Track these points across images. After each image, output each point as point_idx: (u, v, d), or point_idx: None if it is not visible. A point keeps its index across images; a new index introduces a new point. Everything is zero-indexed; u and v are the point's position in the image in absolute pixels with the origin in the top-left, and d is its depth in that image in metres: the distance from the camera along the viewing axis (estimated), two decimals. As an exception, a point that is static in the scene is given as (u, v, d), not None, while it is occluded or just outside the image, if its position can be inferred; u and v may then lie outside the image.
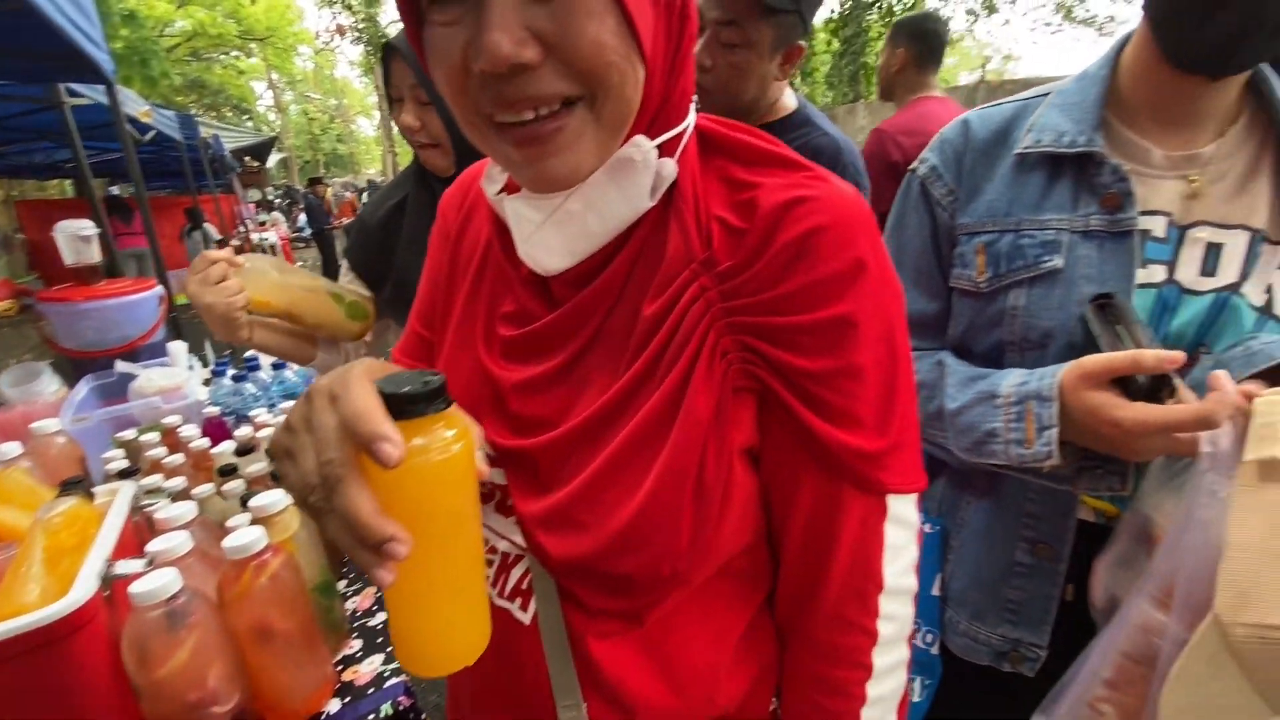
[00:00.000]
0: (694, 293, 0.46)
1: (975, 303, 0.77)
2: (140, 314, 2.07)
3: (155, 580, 0.64)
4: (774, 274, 0.44)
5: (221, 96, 22.71)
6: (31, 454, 1.09)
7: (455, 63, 0.40)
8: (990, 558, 0.80)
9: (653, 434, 0.45)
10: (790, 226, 0.43)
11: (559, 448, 0.48)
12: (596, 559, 0.46)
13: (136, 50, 11.49)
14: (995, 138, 0.77)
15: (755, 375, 0.46)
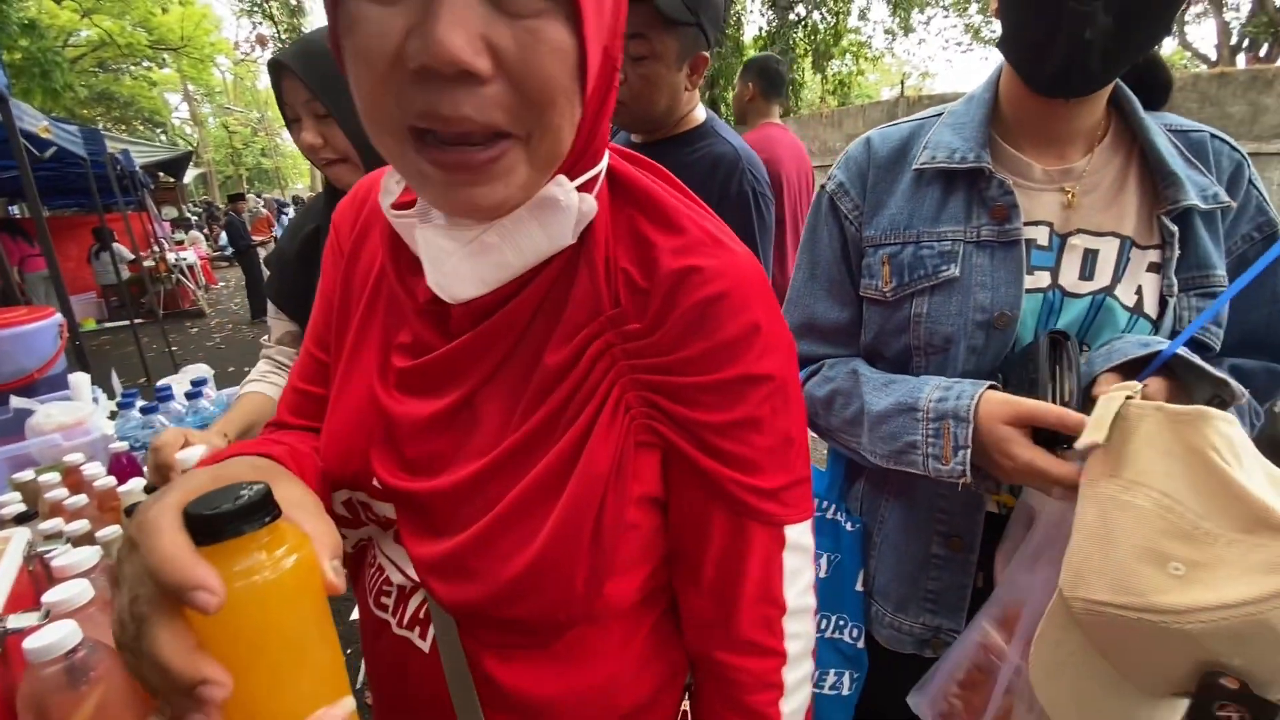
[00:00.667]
0: (599, 347, 0.46)
1: (883, 310, 0.82)
2: (37, 344, 1.92)
3: (52, 634, 0.60)
4: (676, 338, 0.45)
5: (132, 109, 21.42)
6: (-90, 503, 1.00)
7: (386, 50, 0.35)
8: (909, 552, 0.85)
9: (550, 486, 0.46)
10: (690, 293, 0.45)
11: (453, 495, 0.48)
12: (489, 605, 0.46)
13: (37, 61, 10.75)
14: (895, 155, 0.83)
15: (656, 431, 0.47)
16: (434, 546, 0.48)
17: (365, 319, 0.55)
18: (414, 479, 0.49)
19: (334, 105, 1.03)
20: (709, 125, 1.29)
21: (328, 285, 0.61)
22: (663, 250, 0.46)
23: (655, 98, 1.20)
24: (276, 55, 1.04)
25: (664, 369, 0.46)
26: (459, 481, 0.47)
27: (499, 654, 0.50)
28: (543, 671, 0.51)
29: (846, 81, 12.76)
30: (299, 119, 1.05)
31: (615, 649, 0.53)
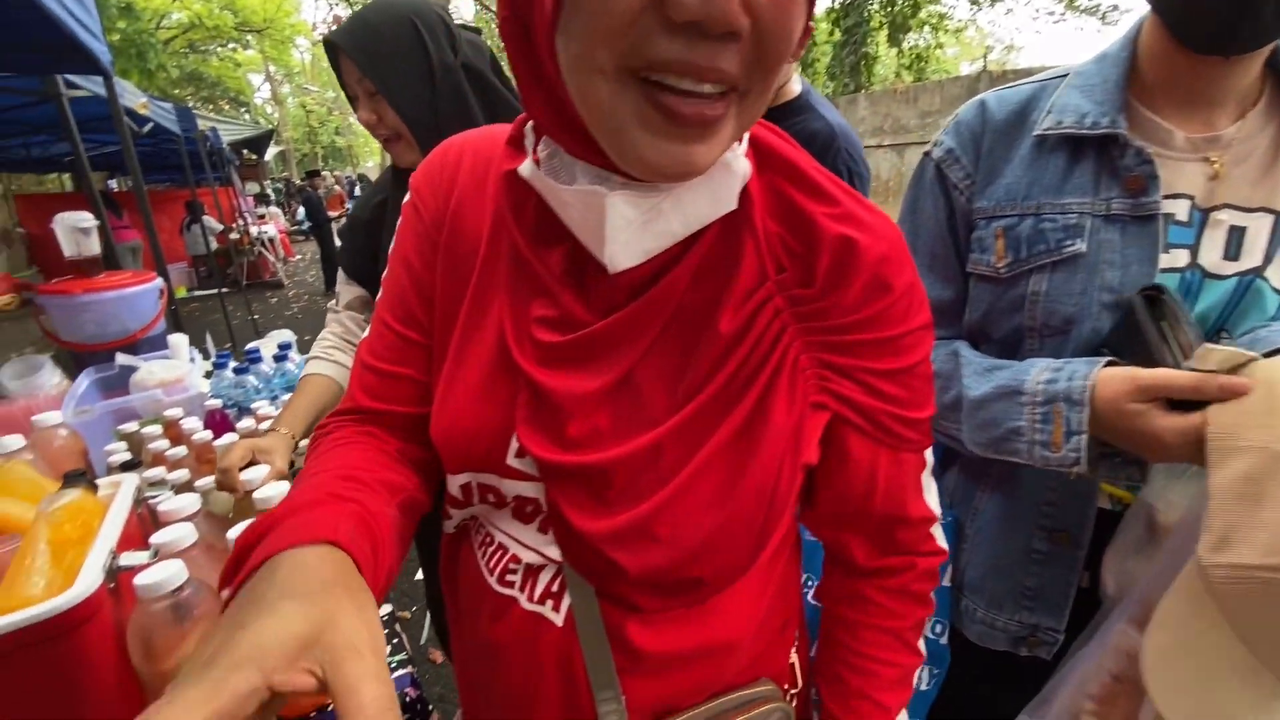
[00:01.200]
0: (770, 311, 0.48)
1: (994, 288, 0.76)
2: (140, 306, 2.07)
3: (161, 572, 0.64)
4: (856, 300, 0.48)
5: (219, 89, 22.58)
6: (34, 447, 1.09)
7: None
8: (1007, 546, 0.80)
9: (736, 449, 0.47)
10: (862, 256, 0.47)
11: (629, 465, 0.47)
12: (674, 568, 0.48)
13: (133, 42, 11.43)
14: (1013, 119, 0.76)
15: (830, 390, 0.49)
16: (609, 518, 0.47)
17: (480, 292, 0.52)
18: (578, 453, 0.47)
19: (381, 83, 1.04)
20: (805, 98, 1.23)
21: (412, 257, 0.57)
22: (820, 215, 0.47)
23: None
24: (329, 34, 1.05)
25: (844, 329, 0.48)
26: (636, 451, 0.46)
27: (642, 618, 0.51)
28: (682, 631, 0.52)
29: (924, 55, 12.10)
30: (356, 96, 1.08)
31: (748, 603, 0.55)
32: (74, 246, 2.20)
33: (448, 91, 1.07)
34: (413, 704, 0.82)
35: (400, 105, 1.05)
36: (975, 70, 8.48)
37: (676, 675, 0.53)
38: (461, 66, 1.08)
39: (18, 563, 0.62)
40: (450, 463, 0.53)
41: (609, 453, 0.46)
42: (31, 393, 1.48)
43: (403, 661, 0.86)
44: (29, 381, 1.54)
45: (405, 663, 0.86)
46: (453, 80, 1.07)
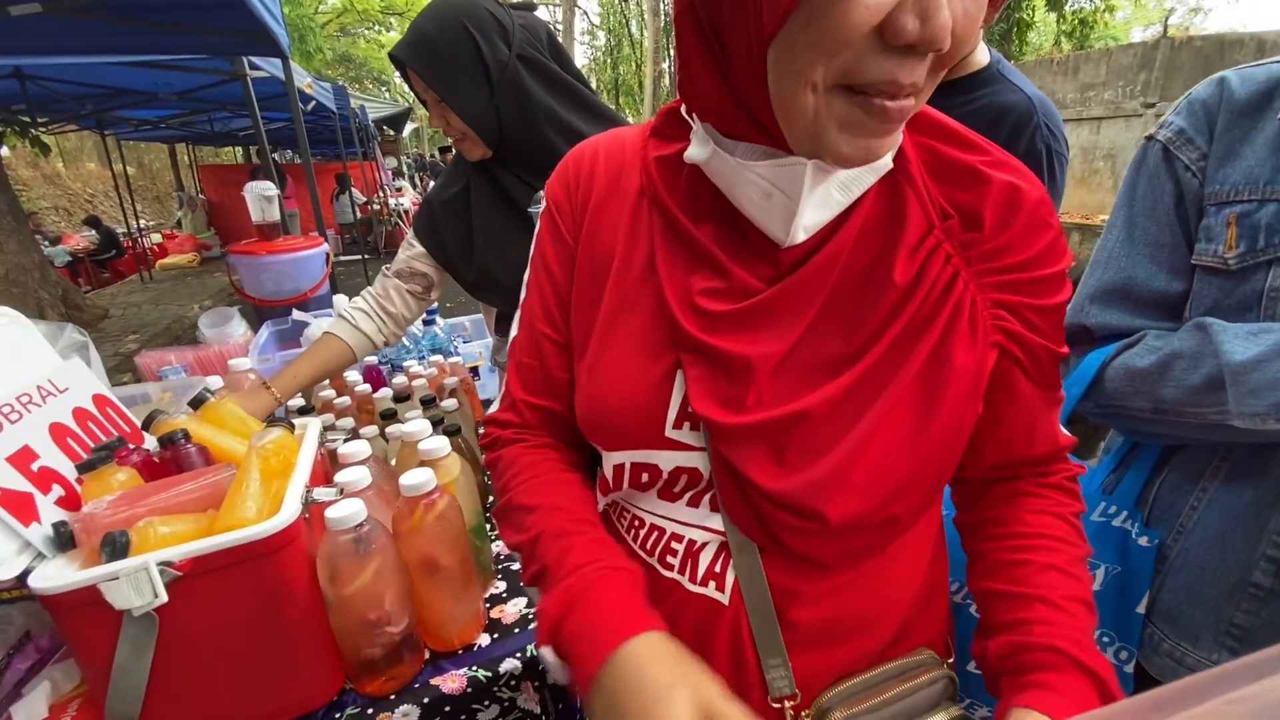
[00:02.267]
0: (941, 258, 0.49)
1: (1222, 282, 0.67)
2: (310, 268, 2.30)
3: (346, 508, 0.71)
4: (1024, 239, 0.50)
5: (364, 69, 24.40)
6: (229, 388, 1.24)
7: (872, 20, 0.35)
8: (1217, 571, 0.70)
9: (921, 393, 0.48)
10: (1024, 200, 0.50)
11: (815, 416, 0.48)
12: (873, 513, 0.48)
13: (296, 27, 12.57)
14: (1258, 98, 0.66)
15: (1005, 329, 0.50)
16: (800, 473, 0.47)
17: (624, 277, 0.55)
18: (758, 412, 0.48)
19: (443, 92, 1.10)
20: (995, 68, 1.09)
21: (552, 264, 0.60)
22: (980, 164, 0.50)
23: None
24: (393, 50, 1.11)
25: (1015, 268, 0.50)
26: (818, 404, 0.47)
27: (806, 587, 0.52)
28: (842, 598, 0.53)
29: (1089, 20, 10.73)
30: (426, 102, 1.15)
31: (905, 569, 0.57)
32: (260, 213, 2.49)
33: (506, 88, 1.11)
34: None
35: (463, 110, 1.11)
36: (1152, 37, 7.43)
37: (839, 642, 0.54)
38: (517, 58, 1.11)
39: (235, 489, 0.71)
40: (608, 442, 0.55)
41: (789, 407, 0.47)
42: (223, 340, 1.69)
43: (538, 615, 0.91)
44: (221, 330, 1.77)
45: (540, 616, 0.91)
46: (510, 76, 1.11)
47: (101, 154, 9.43)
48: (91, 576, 0.61)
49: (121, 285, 7.56)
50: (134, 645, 0.64)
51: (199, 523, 0.70)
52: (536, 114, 1.13)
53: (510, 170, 1.19)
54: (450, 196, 1.25)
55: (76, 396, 0.84)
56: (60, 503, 0.73)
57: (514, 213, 1.19)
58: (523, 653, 0.84)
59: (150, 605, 0.62)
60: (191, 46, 2.83)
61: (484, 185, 1.22)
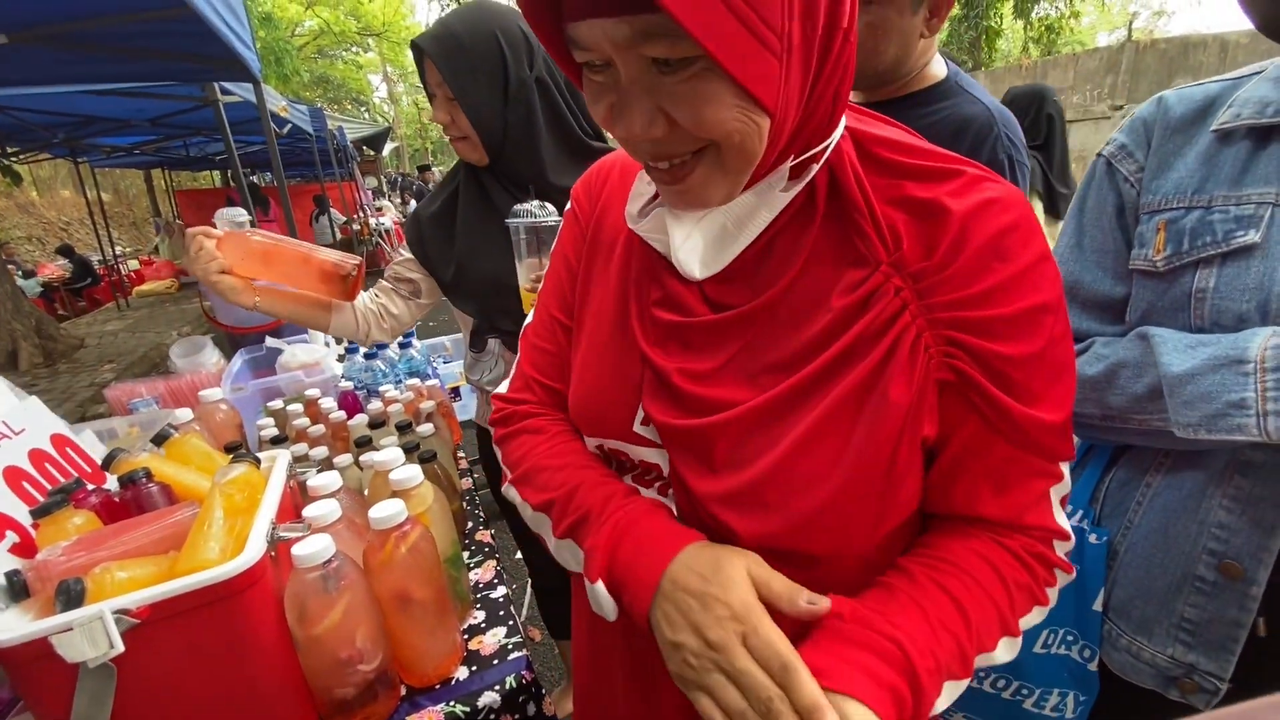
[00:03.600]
0: (890, 290, 0.48)
1: (1155, 284, 0.71)
2: (283, 294, 2.29)
3: (314, 544, 0.69)
4: (973, 270, 0.47)
5: (343, 90, 24.42)
6: (200, 419, 1.22)
7: (605, 113, 0.47)
8: (1164, 566, 0.71)
9: (845, 418, 0.48)
10: (985, 225, 0.47)
11: (740, 427, 0.50)
12: (785, 538, 0.48)
13: (272, 50, 12.57)
14: (1192, 116, 0.71)
15: (956, 368, 0.48)
16: (723, 481, 0.50)
17: (618, 280, 0.60)
18: (692, 418, 0.51)
19: (459, 92, 1.11)
20: (952, 81, 1.09)
21: (569, 253, 0.67)
22: (942, 193, 0.48)
23: (881, 48, 1.03)
24: (416, 39, 1.12)
25: (964, 304, 0.47)
26: (740, 416, 0.49)
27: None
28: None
29: (1055, 26, 11.01)
30: (434, 96, 1.16)
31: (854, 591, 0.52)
32: (229, 239, 2.45)
33: (518, 105, 1.14)
34: (527, 686, 0.84)
35: (473, 114, 1.13)
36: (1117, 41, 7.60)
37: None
38: (535, 81, 1.15)
39: (197, 529, 0.69)
40: (585, 428, 0.62)
41: (717, 417, 0.50)
42: (195, 369, 1.66)
43: (518, 644, 0.89)
44: (193, 359, 1.74)
45: (520, 644, 0.89)
46: (525, 95, 1.14)
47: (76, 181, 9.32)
48: (43, 628, 0.59)
49: (98, 314, 7.45)
50: (91, 697, 0.62)
51: (160, 566, 0.67)
52: (537, 137, 1.16)
53: (499, 180, 1.22)
54: (438, 204, 1.29)
55: (33, 438, 0.82)
56: (15, 550, 0.71)
57: (496, 218, 1.20)
58: (502, 685, 0.82)
59: (106, 656, 0.60)
60: (162, 73, 2.81)
61: (472, 189, 1.25)
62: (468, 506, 1.24)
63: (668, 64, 0.42)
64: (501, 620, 0.94)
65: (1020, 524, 0.52)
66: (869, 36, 1.02)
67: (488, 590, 1.01)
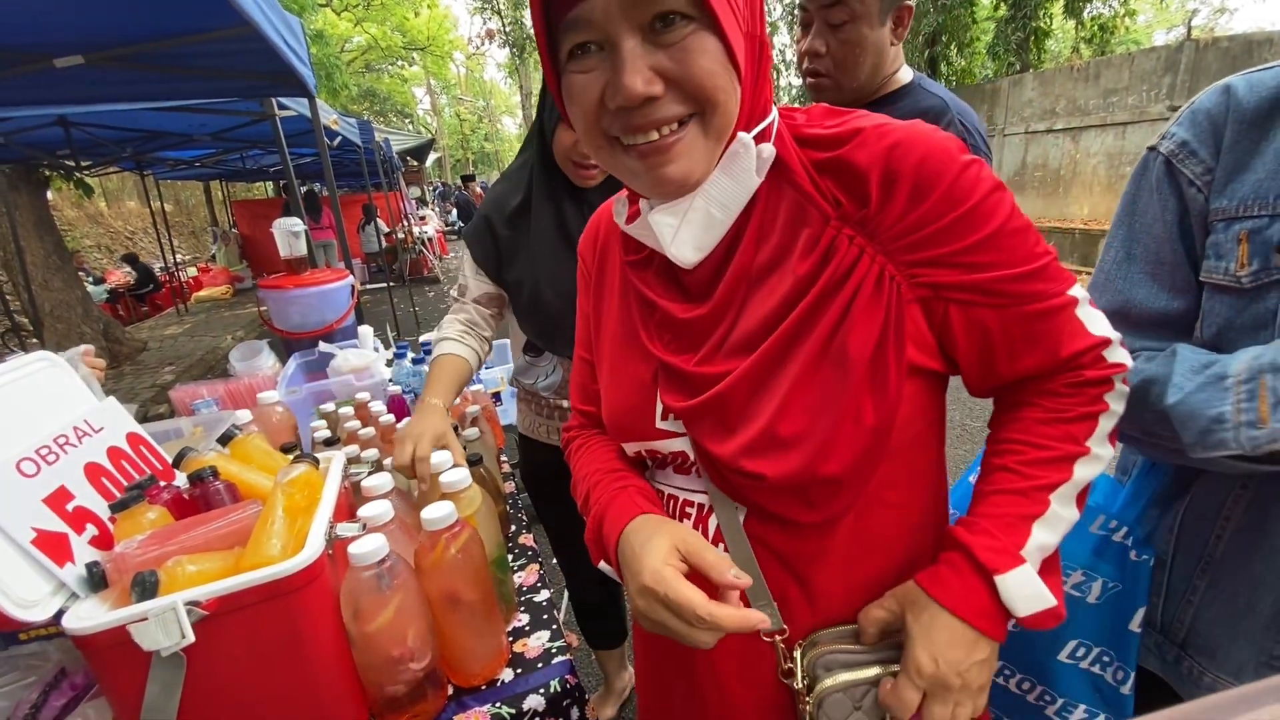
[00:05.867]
0: (844, 242, 0.55)
1: (1235, 300, 0.64)
2: (336, 300, 2.36)
3: (369, 544, 0.71)
4: (906, 203, 0.53)
5: (389, 103, 25.15)
6: (257, 420, 1.27)
7: (593, 100, 0.52)
8: (1252, 605, 0.67)
9: (829, 356, 0.54)
10: (900, 163, 0.53)
11: (742, 388, 0.57)
12: (806, 469, 0.54)
13: (323, 65, 13.00)
14: (1268, 106, 0.63)
15: (924, 282, 0.55)
16: (739, 437, 0.57)
17: (621, 310, 0.69)
18: (703, 394, 0.59)
19: None
20: (915, 84, 1.20)
21: (583, 304, 0.77)
22: (856, 148, 0.54)
23: (860, 60, 1.16)
24: None
25: (910, 230, 0.54)
26: (739, 377, 0.57)
27: (787, 530, 0.60)
28: (826, 540, 0.60)
29: (1108, 26, 10.58)
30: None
31: (888, 542, 0.62)
32: (287, 247, 2.57)
33: None
34: (571, 690, 0.85)
35: None
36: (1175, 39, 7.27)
37: (827, 597, 0.62)
38: None
39: (260, 527, 0.72)
40: (619, 435, 0.70)
41: (720, 386, 0.58)
42: (252, 373, 1.72)
43: (561, 648, 0.90)
44: (251, 363, 1.81)
45: (564, 649, 0.90)
46: None
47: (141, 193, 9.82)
48: (121, 617, 0.62)
49: (159, 318, 7.81)
50: (163, 685, 0.65)
51: (225, 560, 0.70)
52: None
53: (582, 207, 1.19)
54: (508, 212, 1.24)
55: (111, 436, 0.87)
56: (94, 542, 0.75)
57: (568, 248, 1.18)
58: (546, 689, 0.83)
59: (178, 646, 0.63)
60: (222, 90, 2.95)
61: (548, 211, 1.20)
62: (511, 510, 1.26)
63: (666, 23, 0.48)
64: (545, 624, 0.95)
65: (1060, 360, 0.56)
66: (848, 53, 1.15)
67: (531, 593, 1.02)
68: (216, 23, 2.34)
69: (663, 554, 0.56)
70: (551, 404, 1.35)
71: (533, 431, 1.42)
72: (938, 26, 10.50)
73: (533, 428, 1.42)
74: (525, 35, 19.42)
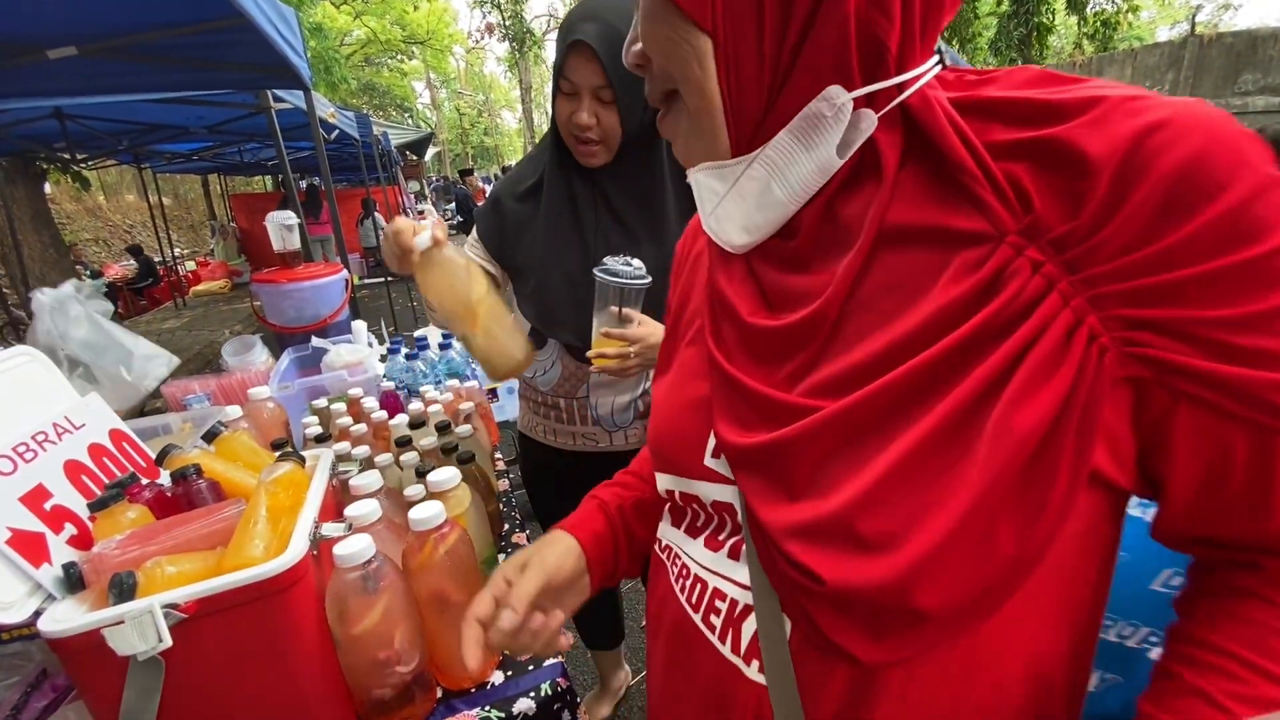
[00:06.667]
0: (1025, 267, 0.36)
1: None
2: (330, 295, 2.35)
3: (355, 544, 0.69)
4: (1147, 223, 0.33)
5: (388, 97, 25.06)
6: (248, 416, 1.25)
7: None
8: None
9: (968, 430, 0.36)
10: (1153, 160, 0.33)
11: (823, 441, 0.40)
12: (885, 589, 0.37)
13: (321, 58, 12.95)
14: None
15: (1145, 356, 0.35)
16: (801, 509, 0.41)
17: (694, 310, 0.59)
18: (766, 431, 0.43)
19: (622, 94, 1.02)
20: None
21: (669, 298, 0.67)
22: (1087, 126, 0.35)
23: None
24: (580, 34, 1.00)
25: (1145, 265, 0.34)
26: (827, 421, 0.40)
27: (850, 673, 0.42)
28: (907, 694, 0.41)
29: (1111, 21, 10.53)
30: (578, 94, 1.05)
31: (1009, 657, 0.41)
32: (281, 241, 2.55)
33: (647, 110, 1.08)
34: (562, 694, 0.83)
35: (626, 117, 1.06)
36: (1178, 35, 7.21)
37: None
38: None
39: (243, 526, 0.70)
40: (658, 462, 0.57)
41: (793, 427, 0.41)
42: (245, 368, 1.71)
43: (553, 649, 0.88)
44: (243, 358, 1.79)
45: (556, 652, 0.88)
46: None
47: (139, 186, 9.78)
48: (97, 620, 0.60)
49: (157, 312, 7.79)
50: (140, 689, 0.63)
51: (207, 561, 0.69)
52: (657, 151, 1.12)
53: (594, 192, 1.16)
54: (519, 193, 1.21)
55: (93, 433, 0.85)
56: (73, 542, 0.73)
57: (577, 233, 1.15)
58: (537, 692, 0.81)
59: (154, 650, 0.61)
60: (217, 82, 2.92)
61: (560, 193, 1.17)
62: (504, 508, 1.24)
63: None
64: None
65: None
66: None
67: (524, 594, 1.00)
68: (209, 13, 2.32)
69: (505, 569, 0.61)
70: (549, 401, 1.33)
71: (530, 430, 1.40)
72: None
73: (530, 425, 1.40)
74: (525, 29, 19.33)
